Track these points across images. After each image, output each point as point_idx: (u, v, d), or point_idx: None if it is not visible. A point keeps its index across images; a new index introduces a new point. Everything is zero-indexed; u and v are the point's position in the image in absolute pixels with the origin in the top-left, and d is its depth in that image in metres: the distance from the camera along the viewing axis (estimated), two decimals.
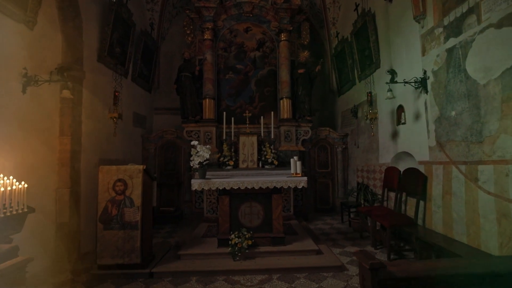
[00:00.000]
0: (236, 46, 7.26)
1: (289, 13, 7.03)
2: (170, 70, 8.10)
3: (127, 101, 6.35)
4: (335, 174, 7.64)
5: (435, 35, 4.06)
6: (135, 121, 6.86)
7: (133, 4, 6.27)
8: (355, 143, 7.11)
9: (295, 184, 4.06)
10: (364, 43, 6.38)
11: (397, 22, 5.10)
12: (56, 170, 4.34)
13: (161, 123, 7.98)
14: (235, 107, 7.15)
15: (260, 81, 7.30)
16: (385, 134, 5.63)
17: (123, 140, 6.12)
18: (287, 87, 6.97)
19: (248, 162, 6.49)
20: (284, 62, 7.02)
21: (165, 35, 8.27)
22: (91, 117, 4.91)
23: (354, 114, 7.11)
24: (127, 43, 6.05)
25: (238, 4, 7.08)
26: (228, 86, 7.19)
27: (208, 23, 6.87)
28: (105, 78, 5.24)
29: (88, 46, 4.86)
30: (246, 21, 7.27)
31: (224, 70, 7.20)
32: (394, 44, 5.24)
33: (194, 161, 3.73)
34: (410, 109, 4.79)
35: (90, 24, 4.89)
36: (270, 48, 7.36)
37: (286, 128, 6.88)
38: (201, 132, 6.71)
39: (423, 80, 4.26)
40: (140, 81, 7.02)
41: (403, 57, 4.93)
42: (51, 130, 4.31)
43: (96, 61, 5.11)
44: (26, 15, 3.71)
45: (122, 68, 5.94)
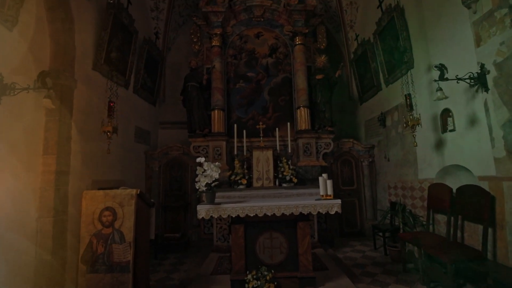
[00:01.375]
0: (247, 53, 6.66)
1: (303, 15, 6.43)
2: (177, 82, 7.53)
3: (128, 115, 5.75)
4: (362, 191, 6.70)
5: (496, 19, 3.27)
6: (138, 137, 6.22)
7: (135, 10, 5.79)
8: (385, 156, 6.21)
9: (326, 209, 3.21)
10: (391, 43, 5.64)
11: (436, 12, 4.35)
12: (38, 195, 3.65)
13: (167, 139, 7.33)
14: (247, 119, 6.45)
15: (273, 89, 6.61)
16: (425, 144, 4.74)
17: (123, 158, 5.45)
18: (304, 95, 6.24)
19: (263, 180, 5.68)
20: (300, 68, 6.34)
21: (171, 45, 7.79)
22: (84, 132, 4.27)
23: (381, 123, 6.27)
24: (128, 51, 5.51)
25: (248, 8, 6.53)
26: (238, 96, 6.53)
27: (217, 29, 6.32)
28: (100, 88, 4.64)
29: (82, 52, 4.30)
30: (257, 26, 6.70)
31: (234, 78, 6.57)
32: (433, 38, 4.46)
33: (200, 183, 2.98)
34: (461, 112, 3.94)
35: (84, 27, 4.35)
36: (284, 54, 6.72)
37: (304, 141, 6.09)
38: (209, 147, 5.99)
39: (481, 76, 3.44)
40: (143, 93, 6.44)
41: (447, 52, 4.13)
42: (34, 148, 3.66)
43: (91, 69, 4.54)
44: (3, 13, 3.17)
45: (122, 78, 5.37)
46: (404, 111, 5.01)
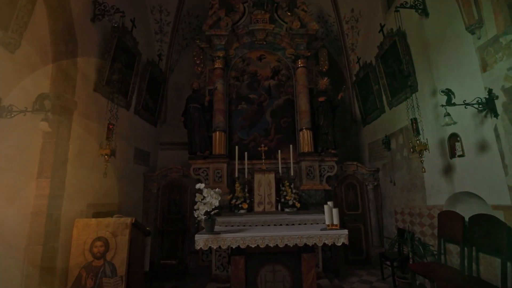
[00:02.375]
0: (249, 75, 6.68)
1: (305, 39, 6.51)
2: (179, 103, 7.51)
3: (128, 136, 5.66)
4: (368, 217, 6.45)
5: (502, 44, 3.23)
6: (137, 158, 6.10)
7: (139, 33, 5.87)
8: (391, 179, 6.03)
9: (332, 240, 3.01)
10: (393, 66, 5.64)
11: (439, 37, 4.35)
12: (29, 220, 3.47)
13: (167, 160, 7.20)
14: (249, 140, 6.35)
15: (275, 111, 6.57)
16: (433, 170, 4.58)
17: (121, 180, 5.30)
18: (306, 117, 6.18)
19: (264, 204, 5.48)
20: (303, 90, 6.33)
21: (174, 67, 7.86)
22: (81, 154, 4.15)
23: (386, 146, 6.14)
24: (131, 73, 5.53)
25: (250, 31, 6.63)
26: (240, 117, 6.48)
27: (219, 52, 6.38)
28: (101, 109, 4.59)
29: (83, 74, 4.28)
30: (259, 49, 6.77)
31: (236, 100, 6.55)
32: (437, 63, 4.44)
33: (199, 211, 2.81)
34: (469, 137, 3.82)
35: (87, 50, 4.36)
36: (286, 76, 6.74)
37: (307, 164, 5.94)
38: (210, 170, 5.84)
39: (489, 101, 3.35)
40: (145, 114, 6.40)
41: (452, 77, 4.08)
42: (29, 171, 3.53)
43: (92, 90, 4.51)
44: (6, 36, 3.16)
45: (124, 99, 5.34)
46: (410, 134, 4.91)
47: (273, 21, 6.66)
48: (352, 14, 7.27)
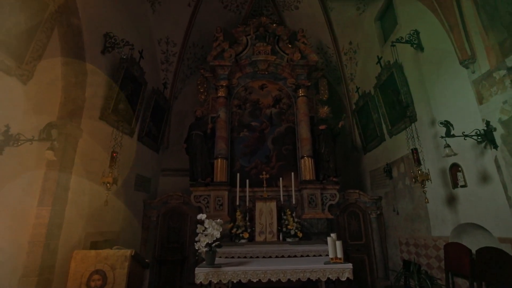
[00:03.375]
0: (251, 103, 6.84)
1: (306, 69, 6.76)
2: (181, 129, 7.64)
3: (130, 163, 5.69)
4: (371, 247, 6.27)
5: (495, 79, 3.35)
6: (138, 185, 6.08)
7: (147, 63, 6.12)
8: (393, 208, 5.95)
9: (336, 275, 2.92)
10: (392, 96, 5.79)
11: (435, 70, 4.52)
12: (25, 250, 3.40)
13: (168, 186, 7.16)
14: (250, 168, 6.35)
15: (277, 138, 6.64)
16: (436, 200, 4.54)
17: (121, 208, 5.25)
18: (308, 145, 6.23)
19: (266, 233, 5.37)
20: (303, 118, 6.45)
21: (178, 95, 8.08)
22: (83, 182, 4.16)
23: (387, 174, 6.13)
24: (136, 100, 5.68)
25: (253, 62, 6.90)
26: (242, 144, 6.54)
27: (223, 81, 6.60)
28: (105, 136, 4.66)
29: (91, 103, 4.41)
30: (261, 79, 6.99)
31: (238, 128, 6.65)
32: (434, 94, 4.57)
33: (200, 243, 2.76)
34: (470, 168, 3.83)
35: (95, 80, 4.53)
36: (287, 105, 6.89)
37: (309, 192, 5.90)
38: (211, 197, 5.79)
39: (487, 133, 3.41)
40: (148, 141, 6.48)
41: (450, 108, 4.19)
42: (30, 199, 3.53)
43: (98, 118, 4.62)
44: (20, 68, 3.31)
45: (128, 127, 5.44)
46: (411, 163, 4.93)
47: (274, 52, 6.95)
48: (350, 46, 7.60)
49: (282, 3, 7.22)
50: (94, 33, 4.55)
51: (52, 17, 3.63)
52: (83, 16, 4.22)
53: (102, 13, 4.79)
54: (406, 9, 5.35)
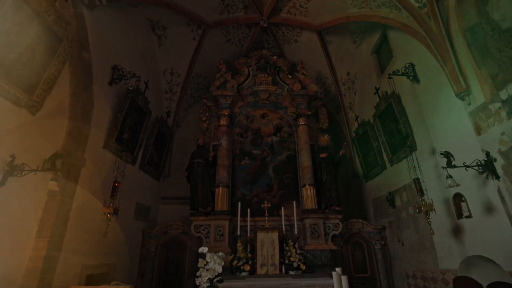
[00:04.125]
0: (252, 132, 6.95)
1: (305, 99, 6.94)
2: (183, 157, 7.68)
3: (131, 191, 5.64)
4: (377, 280, 6.02)
5: (491, 111, 3.45)
6: (137, 213, 5.99)
7: (151, 93, 6.31)
8: (398, 239, 5.80)
9: None
10: (391, 125, 5.89)
11: (432, 101, 4.66)
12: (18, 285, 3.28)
13: (167, 215, 7.04)
14: (251, 196, 6.30)
15: (278, 167, 6.65)
16: (441, 230, 4.45)
17: (119, 239, 5.12)
18: (309, 173, 6.23)
19: (268, 266, 5.19)
20: (304, 146, 6.51)
21: (181, 123, 8.22)
22: (83, 212, 4.11)
23: (390, 203, 6.06)
24: (140, 129, 5.78)
25: (254, 92, 7.11)
26: (243, 172, 6.54)
27: (225, 110, 6.75)
28: (108, 165, 4.69)
29: (96, 132, 4.49)
30: (262, 108, 7.16)
31: (239, 155, 6.69)
32: (433, 124, 4.66)
33: (201, 278, 2.67)
34: (474, 198, 3.81)
35: (102, 110, 4.65)
36: (288, 133, 6.99)
37: (311, 221, 5.79)
38: (211, 227, 5.68)
39: (488, 163, 3.44)
40: (149, 169, 6.49)
41: (448, 138, 4.25)
42: (28, 230, 3.47)
43: (101, 147, 4.67)
44: (30, 100, 3.42)
45: (130, 155, 5.48)
46: (413, 192, 4.89)
47: (275, 83, 7.20)
48: (348, 77, 7.87)
49: (282, 37, 7.59)
50: (103, 65, 4.75)
51: (65, 51, 3.82)
52: (93, 50, 4.44)
53: (112, 47, 5.03)
54: (401, 43, 5.63)
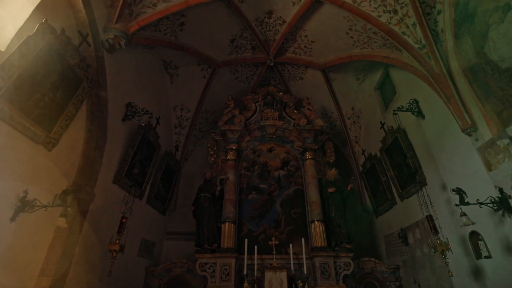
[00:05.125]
0: (260, 166, 6.98)
1: (312, 133, 7.05)
2: (189, 191, 7.66)
3: (136, 226, 5.56)
4: None
5: (500, 147, 3.45)
6: (142, 250, 5.84)
7: (162, 128, 6.51)
8: (414, 280, 5.46)
9: None
10: (399, 159, 5.87)
11: (438, 136, 4.69)
12: None
13: (172, 251, 6.85)
14: (258, 232, 6.13)
15: (286, 201, 6.56)
16: (460, 271, 4.20)
17: (121, 277, 4.94)
18: (317, 208, 6.11)
19: None
20: (312, 181, 6.46)
21: (189, 156, 8.33)
22: (88, 249, 4.04)
23: (403, 240, 5.82)
24: (149, 164, 5.87)
25: (261, 127, 7.27)
26: (250, 207, 6.44)
27: (233, 144, 6.86)
28: (116, 200, 4.70)
29: (106, 167, 4.58)
30: (269, 142, 7.26)
31: (246, 190, 6.65)
32: (441, 159, 4.64)
33: None
34: (492, 237, 3.65)
35: (114, 145, 4.78)
36: (295, 167, 7.00)
37: (321, 260, 5.55)
38: (217, 265, 5.46)
39: (503, 200, 3.35)
40: (156, 203, 6.45)
41: (458, 173, 4.21)
42: (33, 267, 3.40)
43: (111, 182, 4.72)
44: (48, 137, 3.56)
45: (138, 190, 5.50)
46: (427, 229, 4.72)
47: (281, 118, 7.38)
48: (353, 112, 8.03)
49: (288, 74, 7.94)
50: (118, 103, 4.98)
51: (84, 91, 4.05)
52: (110, 89, 4.69)
53: (127, 85, 5.31)
54: (403, 80, 5.82)
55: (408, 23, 4.67)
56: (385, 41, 5.25)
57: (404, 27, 4.76)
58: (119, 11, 4.51)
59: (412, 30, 4.66)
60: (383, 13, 4.88)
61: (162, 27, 5.52)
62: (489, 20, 3.45)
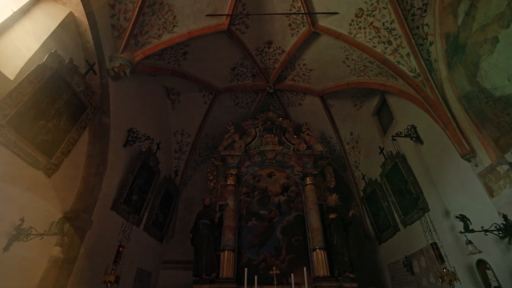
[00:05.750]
0: (260, 191, 6.91)
1: (312, 158, 7.06)
2: (188, 217, 7.50)
3: (132, 255, 5.35)
4: None
5: (500, 173, 3.47)
6: (137, 281, 5.59)
7: (162, 153, 6.50)
8: None
9: None
10: (399, 185, 5.85)
11: (438, 162, 4.72)
12: None
13: (168, 282, 6.57)
14: (259, 261, 5.93)
15: (286, 228, 6.41)
16: None
17: None
18: (319, 235, 5.96)
19: None
20: (313, 207, 6.37)
21: (188, 181, 8.25)
22: (83, 280, 3.87)
23: (408, 269, 5.63)
24: (148, 189, 5.80)
25: (261, 152, 7.30)
26: (250, 234, 6.28)
27: (232, 169, 6.84)
28: (114, 227, 4.58)
29: (105, 193, 4.52)
30: (269, 167, 7.25)
31: (246, 216, 6.53)
32: (442, 185, 4.63)
33: None
34: (500, 265, 3.55)
35: (114, 170, 4.76)
36: (296, 192, 6.93)
37: None
38: None
39: (508, 227, 3.31)
40: (153, 230, 6.29)
41: (461, 199, 4.18)
42: None
43: (109, 208, 4.64)
44: (49, 163, 3.55)
45: (136, 216, 5.39)
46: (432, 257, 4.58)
47: (281, 143, 7.44)
48: (352, 137, 8.12)
49: (287, 100, 8.12)
50: (120, 128, 5.03)
51: (87, 117, 4.11)
52: (113, 115, 4.76)
53: (129, 111, 5.40)
54: (400, 106, 5.96)
55: (402, 53, 4.88)
56: (381, 69, 5.45)
57: (398, 57, 4.97)
58: (125, 42, 4.70)
59: (406, 60, 4.86)
60: (378, 43, 5.12)
61: (166, 56, 5.73)
62: (479, 51, 3.62)
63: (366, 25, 5.08)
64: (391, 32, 4.86)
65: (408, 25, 4.60)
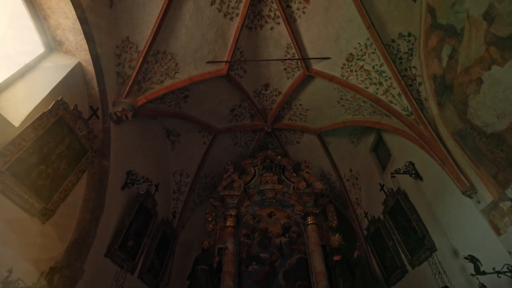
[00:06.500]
0: (260, 232, 6.68)
1: (312, 197, 6.97)
2: (185, 261, 7.13)
3: None
4: None
5: (504, 210, 3.42)
6: None
7: (160, 194, 6.40)
8: None
9: None
10: (403, 223, 5.69)
11: (439, 198, 4.66)
12: None
13: None
14: None
15: (289, 272, 6.08)
16: None
17: None
18: (323, 280, 5.64)
19: None
20: (316, 248, 6.12)
21: (186, 223, 8.00)
22: None
23: None
24: (144, 233, 5.60)
25: (261, 191, 7.21)
26: (250, 280, 5.93)
27: (232, 210, 6.70)
28: (107, 275, 4.34)
29: (100, 239, 4.35)
30: (269, 206, 7.11)
31: (246, 260, 6.22)
32: (447, 222, 4.53)
33: None
34: None
35: (110, 215, 4.64)
36: (297, 233, 6.70)
37: None
38: None
39: None
40: (148, 277, 5.92)
41: (467, 237, 4.05)
42: None
43: (103, 255, 4.43)
44: (45, 208, 3.47)
45: (131, 263, 5.11)
46: None
47: (281, 181, 7.39)
48: (351, 173, 8.10)
49: (285, 139, 8.26)
50: (119, 171, 5.03)
51: (87, 161, 4.13)
52: (113, 157, 4.78)
53: (129, 154, 5.44)
54: (396, 143, 6.05)
55: (394, 93, 5.11)
56: (375, 108, 5.65)
57: (390, 97, 5.19)
58: (129, 88, 4.92)
59: (398, 99, 5.07)
60: (370, 85, 5.39)
61: (167, 100, 5.95)
62: (466, 91, 3.80)
63: (357, 68, 5.40)
64: (381, 74, 5.14)
65: (396, 67, 4.89)
